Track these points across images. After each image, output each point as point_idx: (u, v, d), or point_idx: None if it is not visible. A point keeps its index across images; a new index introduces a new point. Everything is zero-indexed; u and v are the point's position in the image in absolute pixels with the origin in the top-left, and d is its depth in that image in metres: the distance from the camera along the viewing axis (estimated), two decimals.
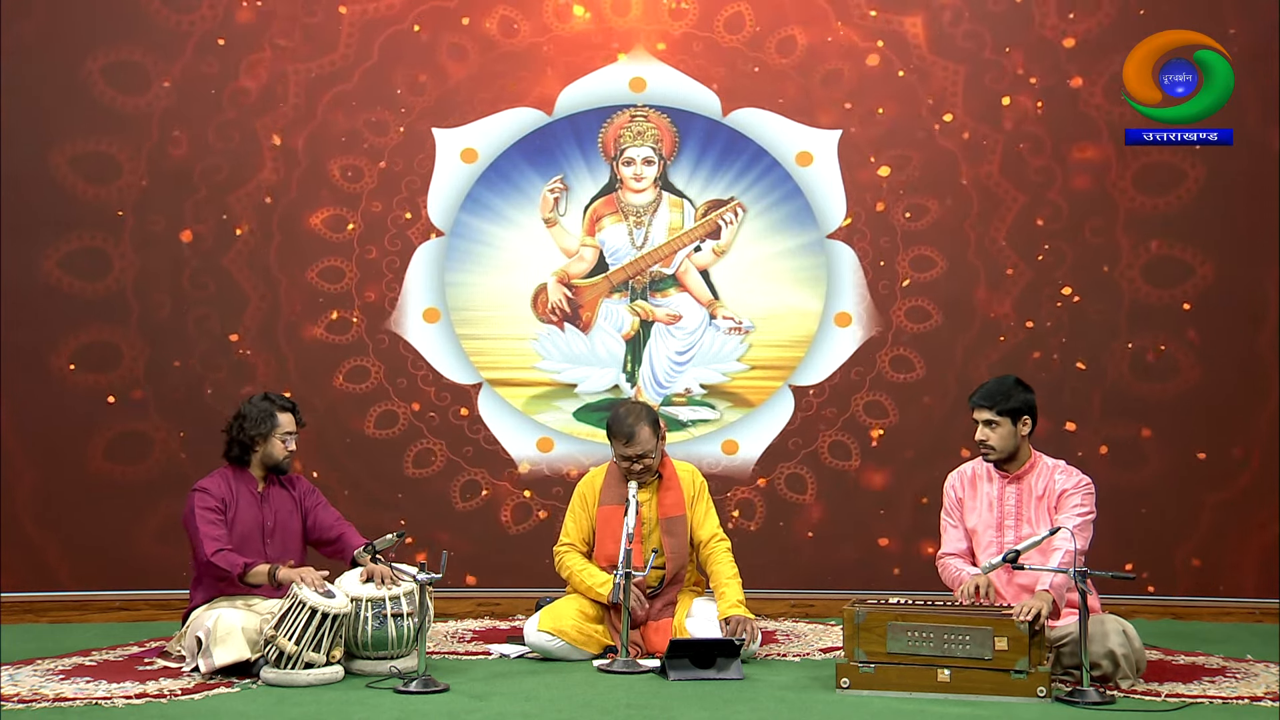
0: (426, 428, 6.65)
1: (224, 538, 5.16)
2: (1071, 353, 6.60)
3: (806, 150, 6.71)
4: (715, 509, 5.57)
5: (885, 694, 4.62)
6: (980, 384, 5.17)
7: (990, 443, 5.02)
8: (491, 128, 6.72)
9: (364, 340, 6.65)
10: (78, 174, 6.51)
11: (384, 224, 6.67)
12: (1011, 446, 5.03)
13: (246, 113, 6.58)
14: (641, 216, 6.77)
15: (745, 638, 5.14)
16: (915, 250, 6.66)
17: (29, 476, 6.46)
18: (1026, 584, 4.92)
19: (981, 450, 5.07)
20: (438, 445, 6.65)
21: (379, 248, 6.67)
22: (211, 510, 5.19)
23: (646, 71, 6.73)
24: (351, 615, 4.97)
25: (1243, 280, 6.56)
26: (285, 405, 5.37)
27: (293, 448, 5.36)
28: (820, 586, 6.60)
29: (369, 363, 6.64)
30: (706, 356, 6.73)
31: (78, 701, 4.55)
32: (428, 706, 4.50)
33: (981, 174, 6.64)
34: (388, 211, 6.66)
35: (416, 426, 6.65)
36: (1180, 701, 4.59)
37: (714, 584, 5.41)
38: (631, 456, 5.37)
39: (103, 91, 6.50)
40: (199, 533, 5.14)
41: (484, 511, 6.66)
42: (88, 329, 6.51)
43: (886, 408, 6.66)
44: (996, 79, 6.64)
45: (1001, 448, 5.02)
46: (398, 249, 6.67)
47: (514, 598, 6.43)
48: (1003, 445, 5.02)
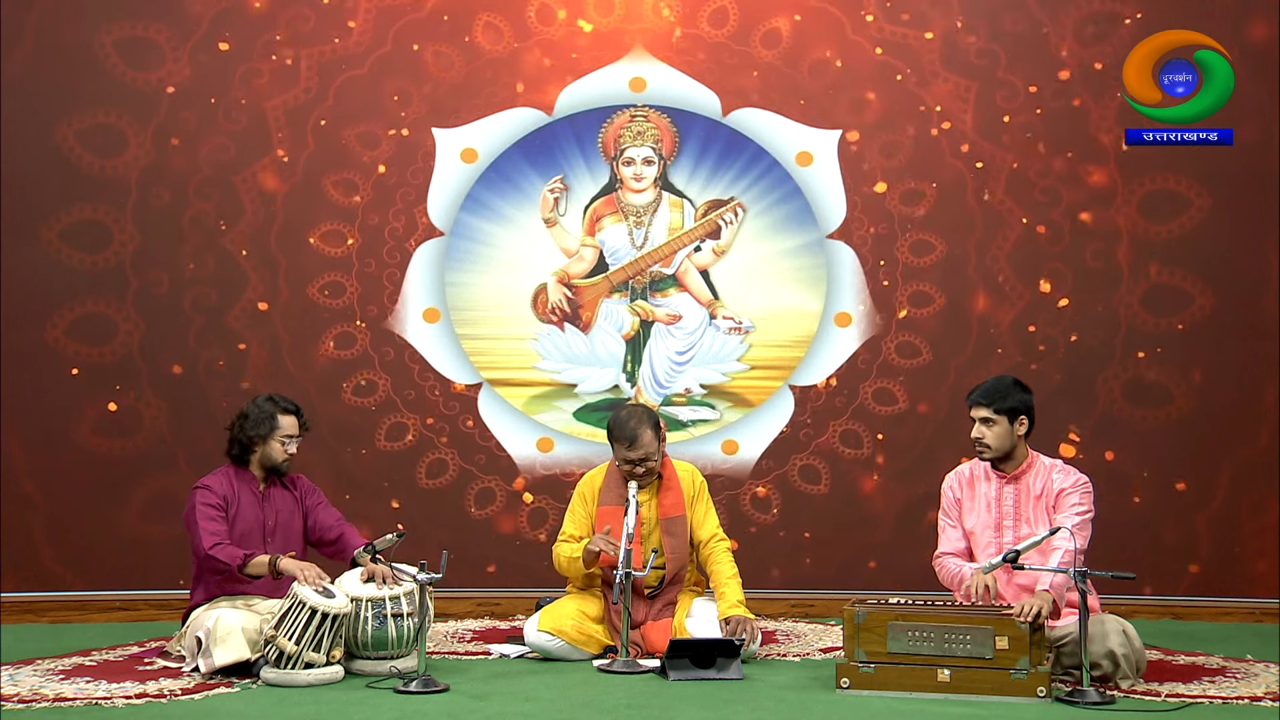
0: (424, 427, 6.66)
1: (223, 533, 5.17)
2: (1072, 352, 6.60)
3: (806, 150, 6.71)
4: (715, 509, 5.57)
5: (885, 694, 4.61)
6: (978, 383, 5.16)
7: (986, 440, 5.02)
8: (491, 128, 6.72)
9: (363, 339, 6.66)
10: (84, 147, 6.53)
11: (383, 224, 6.67)
12: (1007, 446, 5.03)
13: (256, 96, 6.60)
14: (641, 216, 6.77)
15: (745, 637, 5.14)
16: (915, 249, 6.66)
17: (29, 476, 6.46)
18: (1026, 584, 4.92)
19: (977, 449, 5.06)
20: (437, 443, 6.66)
21: (378, 248, 6.67)
22: (212, 506, 5.20)
23: (646, 71, 6.73)
24: (351, 615, 4.97)
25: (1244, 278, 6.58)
26: (289, 408, 5.35)
27: (293, 451, 5.34)
28: (820, 586, 6.60)
29: (368, 362, 6.65)
30: (706, 356, 6.73)
31: (78, 701, 4.54)
32: (428, 706, 4.50)
33: (984, 177, 6.65)
34: (388, 211, 6.67)
35: (414, 425, 6.66)
36: (1180, 701, 4.58)
37: (714, 584, 5.41)
38: (634, 460, 5.36)
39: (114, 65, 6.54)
40: (198, 528, 5.14)
41: (483, 511, 6.67)
42: (85, 312, 6.53)
43: (885, 408, 6.66)
44: (997, 80, 6.64)
45: (997, 446, 5.02)
46: (397, 249, 6.67)
47: (514, 598, 6.44)
48: (998, 444, 5.02)
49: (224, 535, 5.16)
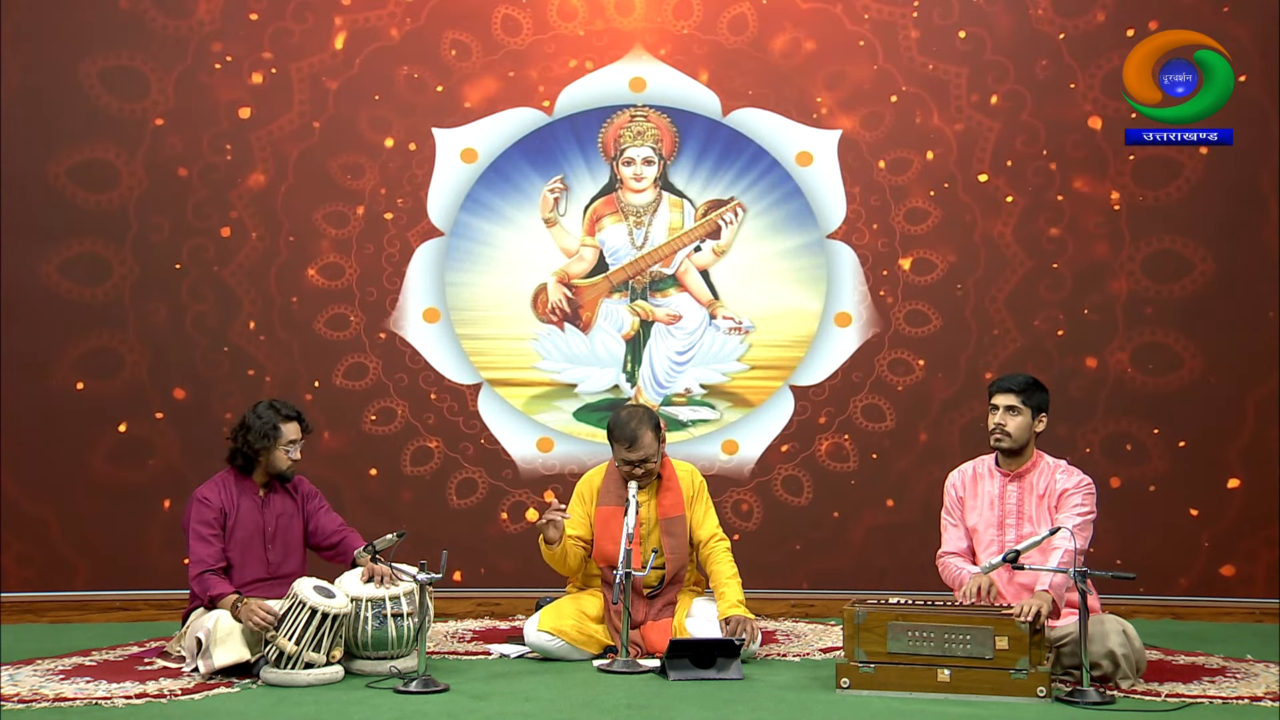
0: (423, 426, 6.66)
1: (212, 555, 5.10)
2: (1072, 355, 6.60)
3: (806, 150, 6.71)
4: (715, 508, 5.56)
5: (885, 694, 4.61)
6: (996, 378, 5.17)
7: (1008, 428, 4.99)
8: (491, 128, 6.72)
9: (362, 339, 6.66)
10: (76, 182, 6.52)
11: (383, 224, 6.67)
12: (1025, 439, 5.02)
13: (245, 119, 6.60)
14: (641, 216, 6.77)
15: (745, 637, 5.14)
16: (916, 252, 6.66)
17: (29, 477, 6.46)
18: (1026, 584, 4.92)
19: (995, 436, 5.02)
20: (435, 443, 6.66)
21: (377, 247, 6.67)
22: (205, 524, 5.14)
23: (646, 71, 6.73)
24: (351, 615, 4.97)
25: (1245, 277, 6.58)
26: (290, 414, 5.29)
27: (297, 456, 5.29)
28: (820, 586, 6.60)
29: (368, 361, 6.65)
30: (706, 356, 6.73)
31: (78, 701, 4.54)
32: (428, 706, 4.50)
33: (981, 174, 6.65)
34: (388, 211, 6.67)
35: (413, 425, 6.66)
36: (1180, 701, 4.58)
37: (714, 584, 5.40)
38: (633, 460, 5.36)
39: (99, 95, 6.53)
40: (189, 548, 5.14)
41: (482, 511, 6.67)
42: (87, 334, 6.52)
43: (885, 408, 6.66)
44: (998, 81, 6.64)
45: (1017, 436, 5.00)
46: (396, 249, 6.67)
47: (514, 598, 6.44)
48: (1019, 434, 5.00)
49: (211, 558, 5.10)
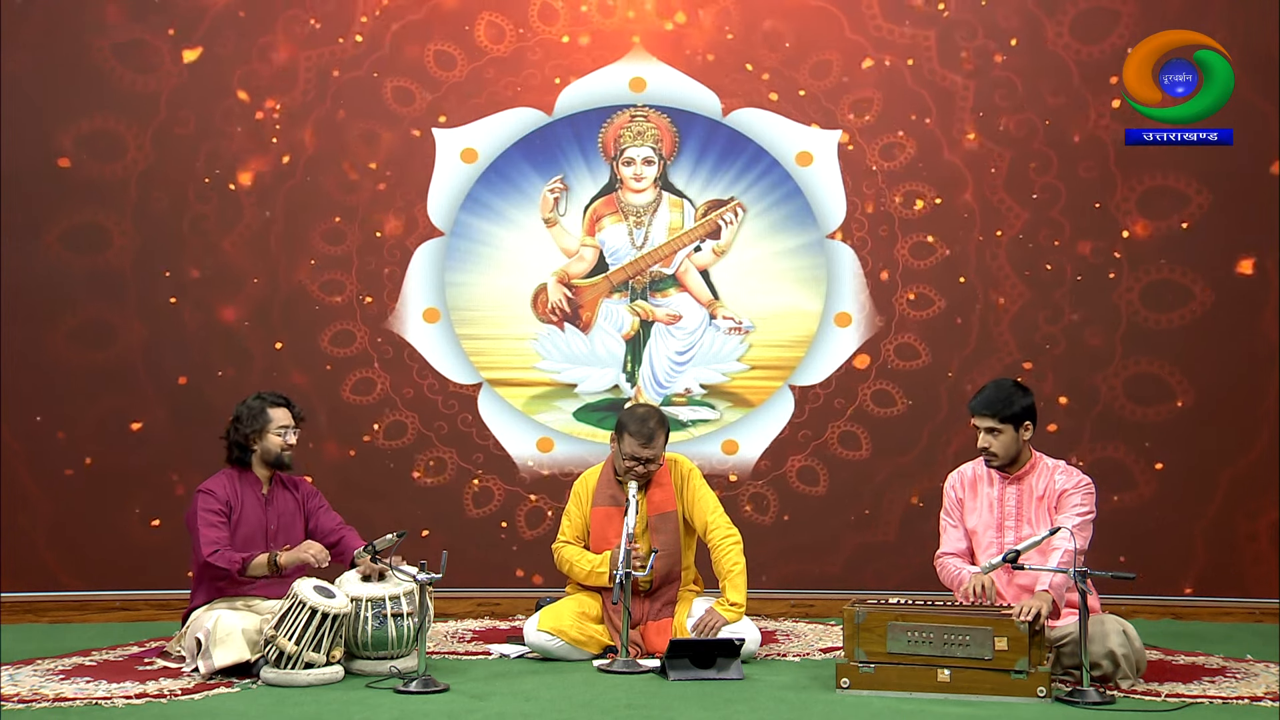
0: (423, 427, 6.66)
1: (223, 539, 5.17)
2: (1073, 355, 6.60)
3: (806, 150, 6.71)
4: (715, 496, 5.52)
5: (885, 694, 4.61)
6: (978, 390, 5.11)
7: (993, 450, 5.01)
8: (491, 128, 6.72)
9: (363, 339, 6.66)
10: (82, 151, 6.53)
11: (383, 224, 6.67)
12: (1014, 452, 5.02)
13: (253, 99, 6.61)
14: (641, 216, 6.77)
15: (714, 634, 5.09)
16: (915, 248, 6.66)
17: (29, 476, 6.46)
18: (1026, 584, 4.92)
19: (984, 457, 5.06)
20: (435, 443, 6.66)
21: (378, 247, 6.67)
22: (213, 512, 5.20)
23: (646, 71, 6.73)
24: (351, 615, 4.97)
25: (1241, 276, 6.58)
26: (278, 401, 5.38)
27: (291, 441, 5.36)
28: (820, 586, 6.60)
29: (369, 368, 6.65)
30: (706, 356, 6.73)
31: (78, 701, 4.54)
32: (428, 706, 4.50)
33: (984, 177, 6.65)
34: (388, 211, 6.66)
35: (416, 428, 6.66)
36: (1180, 701, 4.58)
37: (717, 577, 5.38)
38: (643, 458, 5.36)
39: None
40: (198, 534, 5.15)
41: (482, 511, 6.67)
42: (86, 315, 6.53)
43: (886, 408, 6.66)
44: (998, 80, 6.64)
45: (1005, 454, 5.01)
46: (397, 249, 6.67)
47: (514, 598, 6.44)
48: (1005, 452, 5.01)
49: (223, 542, 5.16)
